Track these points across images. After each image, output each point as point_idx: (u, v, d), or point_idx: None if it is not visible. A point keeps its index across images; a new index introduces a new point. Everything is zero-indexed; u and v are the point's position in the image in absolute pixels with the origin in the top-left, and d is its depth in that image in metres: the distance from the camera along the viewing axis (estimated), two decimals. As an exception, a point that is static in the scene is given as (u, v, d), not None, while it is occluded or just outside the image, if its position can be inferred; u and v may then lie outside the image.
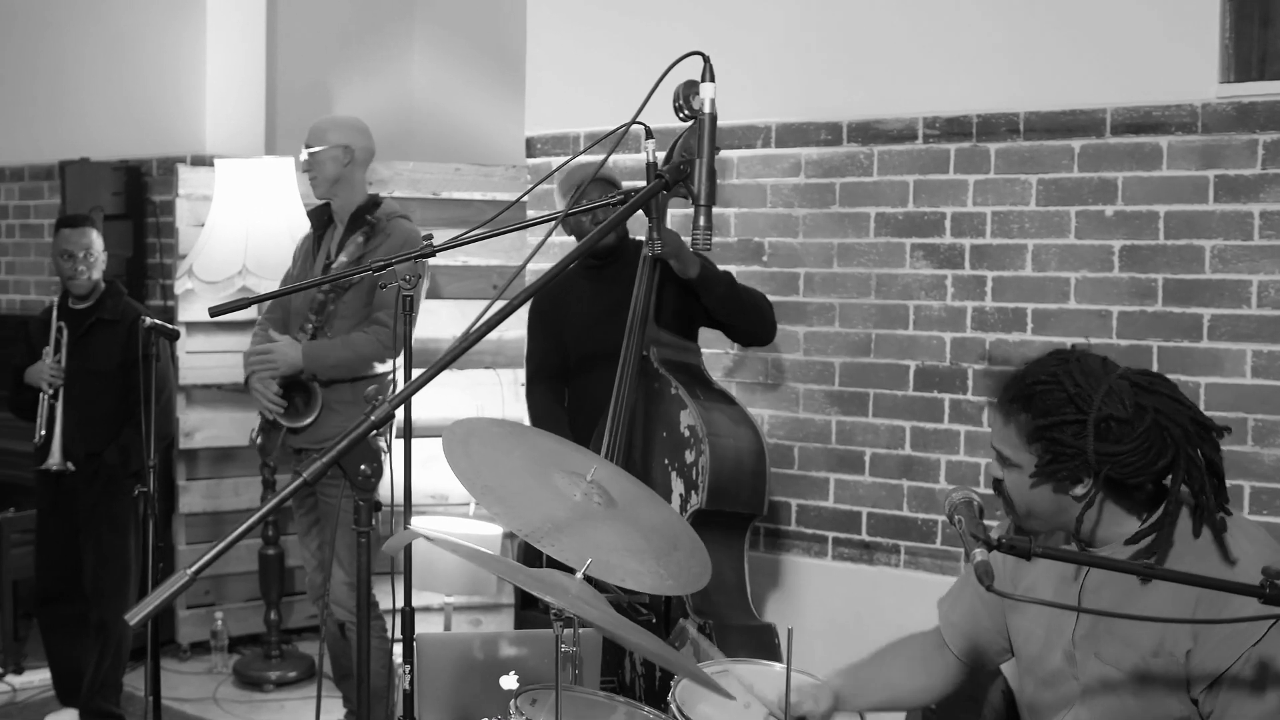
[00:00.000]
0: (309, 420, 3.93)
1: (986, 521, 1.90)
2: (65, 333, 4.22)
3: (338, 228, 4.03)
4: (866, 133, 4.18)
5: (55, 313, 4.26)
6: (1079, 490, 1.95)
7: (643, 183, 4.24)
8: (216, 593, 5.32)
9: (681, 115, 3.08)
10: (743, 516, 3.41)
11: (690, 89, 3.03)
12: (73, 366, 4.22)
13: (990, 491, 2.17)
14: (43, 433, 4.19)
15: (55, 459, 4.16)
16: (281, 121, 6.19)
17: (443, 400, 4.54)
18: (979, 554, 1.73)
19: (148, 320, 3.80)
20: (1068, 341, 3.87)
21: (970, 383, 4.02)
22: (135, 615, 1.49)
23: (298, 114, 6.24)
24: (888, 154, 4.15)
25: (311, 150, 3.97)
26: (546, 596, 1.75)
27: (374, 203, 4.03)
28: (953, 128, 4.03)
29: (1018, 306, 3.94)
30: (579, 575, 1.88)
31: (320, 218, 4.08)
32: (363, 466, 1.64)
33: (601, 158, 3.20)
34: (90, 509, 4.22)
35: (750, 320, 3.50)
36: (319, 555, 4.08)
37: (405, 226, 3.93)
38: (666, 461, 3.34)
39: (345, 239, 3.97)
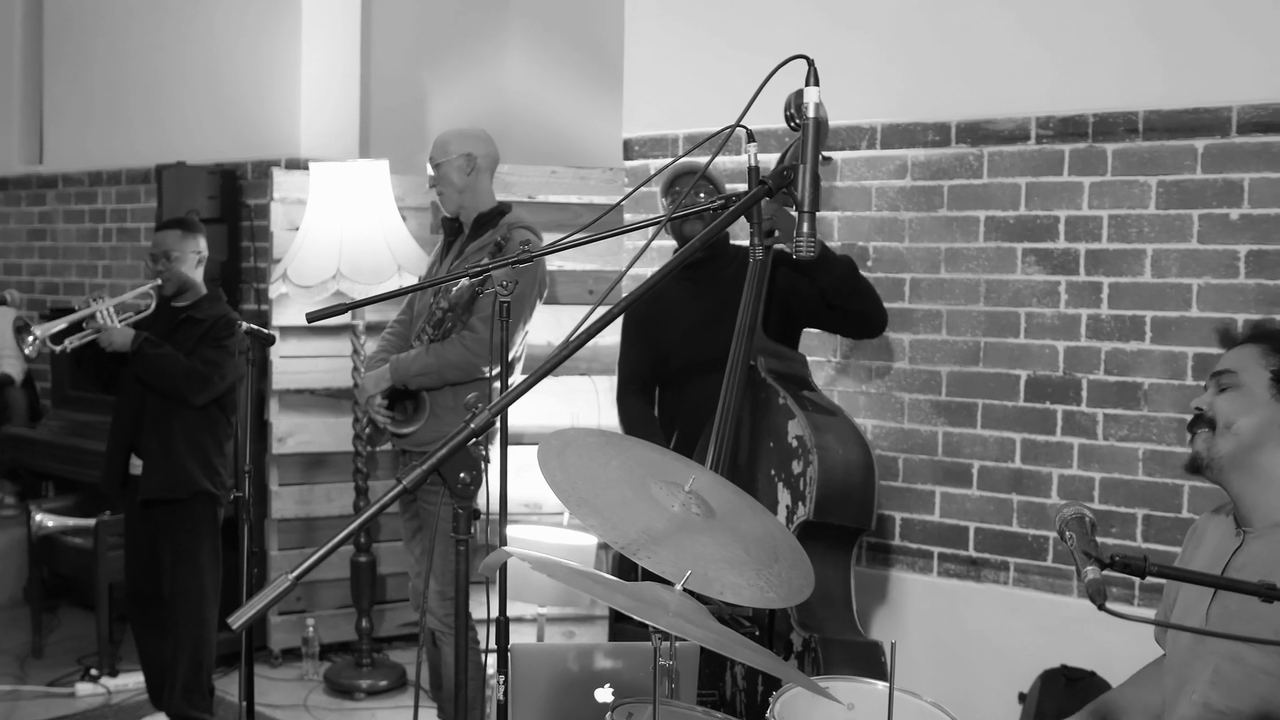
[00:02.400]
0: (415, 427, 4.04)
1: (1098, 538, 1.91)
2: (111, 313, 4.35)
3: (466, 235, 4.13)
4: (976, 133, 4.16)
5: (105, 300, 4.40)
6: None
7: (743, 186, 4.27)
8: (308, 599, 5.45)
9: (793, 125, 3.11)
10: (850, 531, 3.42)
11: (801, 98, 3.06)
12: None
13: (1105, 507, 2.19)
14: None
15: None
16: (376, 124, 6.33)
17: (537, 408, 4.61)
18: (1091, 572, 1.73)
19: (244, 325, 3.94)
20: (1189, 351, 3.82)
21: (1084, 393, 3.98)
22: (239, 619, 1.55)
23: (392, 117, 6.38)
24: (998, 155, 4.12)
25: (436, 164, 4.08)
26: (646, 619, 1.79)
27: (500, 211, 4.12)
28: (1067, 128, 4.00)
29: (1135, 314, 3.90)
30: (678, 588, 1.91)
31: (452, 225, 4.18)
32: (462, 474, 1.69)
33: (703, 159, 3.24)
34: (165, 510, 4.34)
35: (865, 305, 3.52)
36: (421, 563, 4.16)
37: (524, 237, 3.99)
38: (773, 472, 3.36)
39: (467, 245, 4.07)
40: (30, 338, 4.18)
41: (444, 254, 4.21)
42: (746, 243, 3.48)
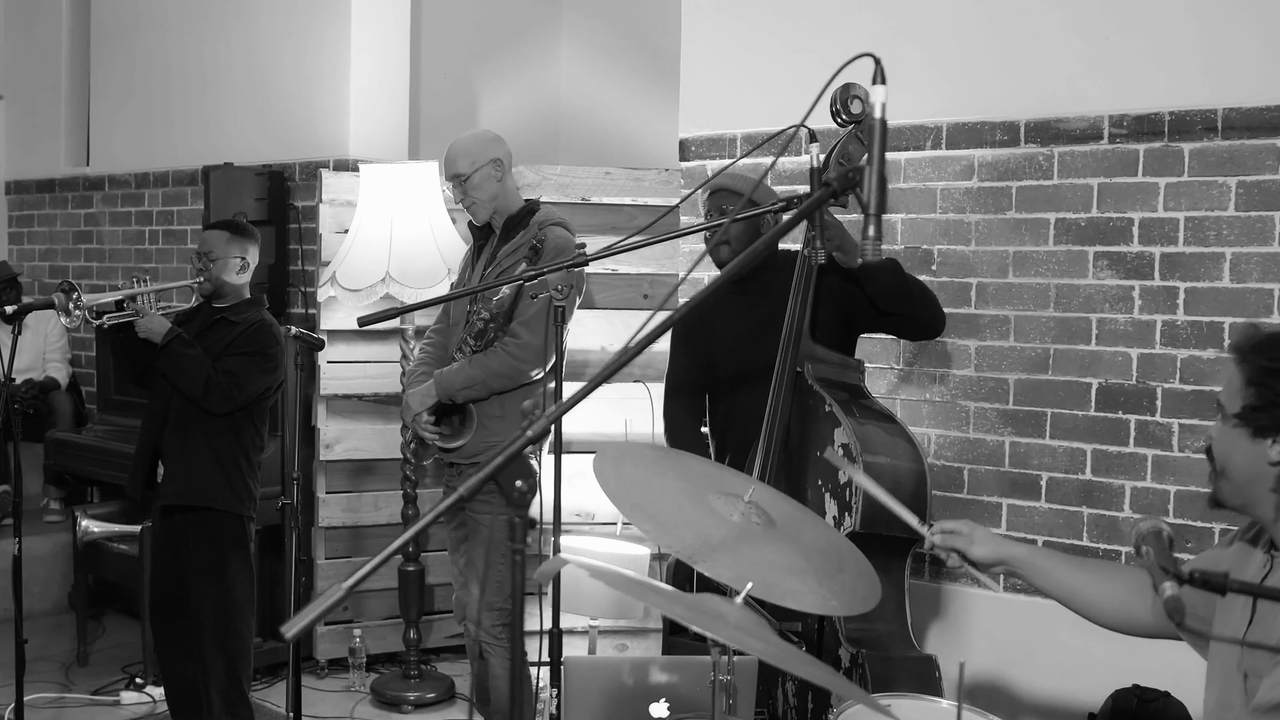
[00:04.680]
0: (463, 440, 4.05)
1: (1177, 554, 1.89)
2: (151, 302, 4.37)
3: (497, 237, 4.14)
4: (1046, 132, 4.13)
5: (148, 283, 4.41)
6: (1274, 451, 2.02)
7: (804, 187, 4.26)
8: (355, 609, 5.49)
9: (839, 120, 3.10)
10: (902, 541, 3.40)
11: (847, 93, 3.04)
12: None
13: (1181, 522, 2.16)
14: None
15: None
16: (426, 125, 6.38)
17: (589, 415, 4.62)
18: (1169, 588, 1.72)
19: (293, 329, 3.97)
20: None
21: (1159, 403, 3.94)
22: (291, 628, 1.57)
23: (442, 118, 6.43)
24: (1069, 155, 4.09)
25: (463, 178, 4.05)
26: (705, 630, 1.79)
27: (529, 210, 4.12)
28: (1142, 126, 3.96)
29: (1213, 321, 3.85)
30: (738, 600, 1.91)
31: (479, 229, 4.19)
32: (518, 482, 1.70)
33: (762, 160, 3.24)
34: (186, 519, 4.35)
35: (918, 309, 3.48)
36: (466, 573, 4.18)
37: (560, 235, 4.00)
38: (820, 482, 3.36)
39: (498, 249, 4.08)
40: (72, 304, 4.17)
41: (475, 259, 4.21)
42: (795, 246, 3.48)
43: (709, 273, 4.54)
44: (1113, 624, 2.41)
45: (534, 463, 3.91)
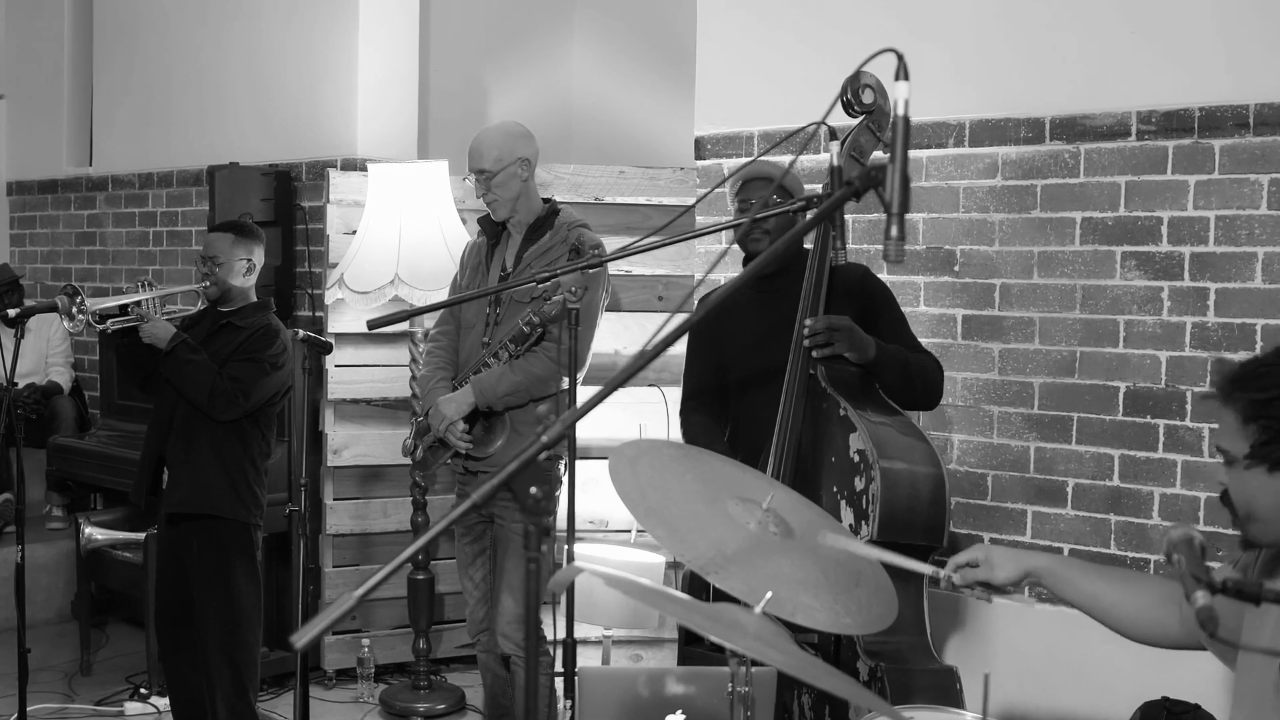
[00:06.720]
0: (495, 448, 4.02)
1: (1209, 563, 1.88)
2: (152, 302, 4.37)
3: (513, 237, 4.13)
4: (1072, 129, 4.12)
5: (153, 288, 4.42)
6: None
7: (818, 185, 4.26)
8: (363, 619, 5.49)
9: (851, 111, 3.08)
10: (920, 549, 3.39)
11: (858, 82, 3.03)
12: None
13: (1212, 529, 2.14)
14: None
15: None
16: (435, 123, 6.38)
17: (603, 420, 4.61)
18: (1201, 597, 1.71)
19: (300, 333, 3.97)
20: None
21: (1189, 407, 3.93)
22: (301, 638, 1.57)
23: (452, 116, 6.44)
24: (1096, 152, 4.08)
25: (489, 174, 4.04)
26: (724, 640, 1.79)
27: (553, 210, 4.12)
28: (1171, 122, 3.95)
29: (1245, 323, 3.83)
30: (757, 610, 1.91)
31: (493, 226, 4.18)
32: (533, 489, 1.69)
33: (781, 158, 3.23)
34: (191, 527, 4.35)
35: (915, 398, 3.54)
36: (483, 587, 4.15)
37: (591, 237, 4.00)
38: (835, 489, 3.34)
39: (522, 251, 4.07)
40: (75, 308, 4.16)
41: (489, 258, 4.19)
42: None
43: (725, 274, 4.54)
44: (1139, 635, 2.40)
45: (560, 470, 3.88)
